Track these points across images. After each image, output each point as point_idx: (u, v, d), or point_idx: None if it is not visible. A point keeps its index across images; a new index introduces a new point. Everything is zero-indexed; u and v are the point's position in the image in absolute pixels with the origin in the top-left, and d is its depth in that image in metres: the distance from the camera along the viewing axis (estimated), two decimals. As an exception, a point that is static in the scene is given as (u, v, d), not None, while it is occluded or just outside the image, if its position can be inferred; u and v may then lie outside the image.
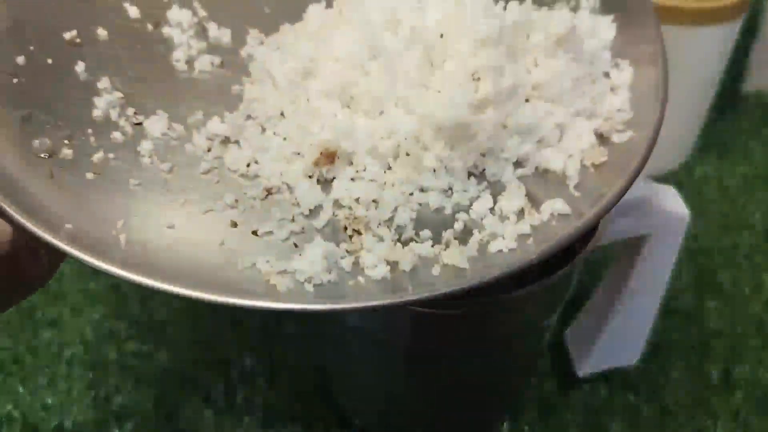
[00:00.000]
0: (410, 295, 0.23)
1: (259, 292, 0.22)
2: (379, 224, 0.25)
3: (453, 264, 0.23)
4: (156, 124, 0.26)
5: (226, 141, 0.27)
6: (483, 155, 0.26)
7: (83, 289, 0.47)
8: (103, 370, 0.42)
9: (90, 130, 0.26)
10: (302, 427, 0.40)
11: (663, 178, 0.57)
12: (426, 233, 0.24)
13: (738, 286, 0.49)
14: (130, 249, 0.23)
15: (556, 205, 0.25)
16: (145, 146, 0.26)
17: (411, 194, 0.25)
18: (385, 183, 0.25)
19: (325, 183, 0.26)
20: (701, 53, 0.50)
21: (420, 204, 0.25)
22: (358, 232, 0.24)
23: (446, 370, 0.34)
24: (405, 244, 0.24)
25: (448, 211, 0.25)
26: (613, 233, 0.33)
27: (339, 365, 0.38)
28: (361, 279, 0.23)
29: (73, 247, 0.22)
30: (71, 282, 0.47)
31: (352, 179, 0.25)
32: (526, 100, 0.27)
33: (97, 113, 0.26)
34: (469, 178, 0.26)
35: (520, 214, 0.25)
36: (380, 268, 0.23)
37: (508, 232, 0.24)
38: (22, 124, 0.25)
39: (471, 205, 0.25)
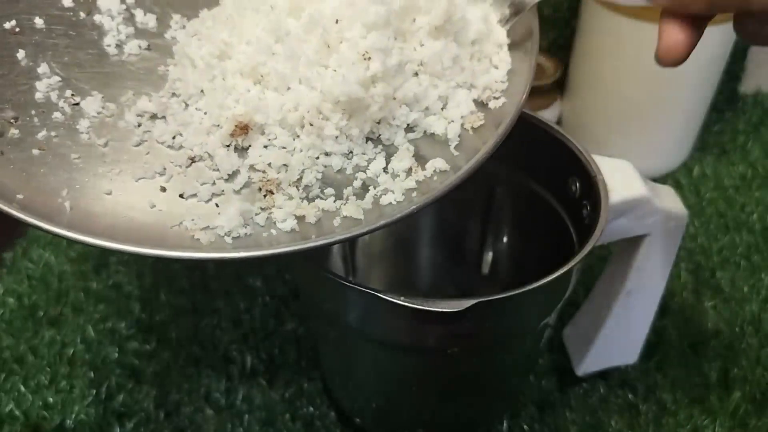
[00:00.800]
0: (313, 242, 0.27)
1: (186, 245, 0.26)
2: (289, 184, 0.29)
3: (351, 215, 0.28)
4: (92, 104, 0.30)
5: (154, 117, 0.30)
6: (378, 123, 0.30)
7: (84, 288, 0.46)
8: (105, 369, 0.42)
9: (33, 112, 0.29)
10: (302, 427, 0.40)
11: (661, 178, 0.57)
12: (330, 191, 0.29)
13: (736, 286, 0.48)
14: (74, 214, 0.26)
15: (437, 164, 0.29)
16: (83, 124, 0.29)
17: (317, 158, 0.29)
18: (293, 149, 0.29)
19: (242, 151, 0.29)
20: (700, 54, 0.48)
21: (325, 166, 0.29)
22: (271, 192, 0.28)
23: (446, 370, 0.34)
24: (311, 200, 0.28)
25: (348, 171, 0.29)
26: (612, 233, 0.34)
27: (339, 365, 0.38)
28: (273, 231, 0.27)
29: (25, 214, 0.25)
30: (72, 281, 0.47)
31: (265, 147, 0.29)
32: (416, 75, 0.31)
33: (39, 96, 0.30)
34: (366, 142, 0.30)
35: (408, 172, 0.29)
36: (289, 222, 0.27)
37: (398, 187, 0.28)
38: None
39: (368, 165, 0.29)
